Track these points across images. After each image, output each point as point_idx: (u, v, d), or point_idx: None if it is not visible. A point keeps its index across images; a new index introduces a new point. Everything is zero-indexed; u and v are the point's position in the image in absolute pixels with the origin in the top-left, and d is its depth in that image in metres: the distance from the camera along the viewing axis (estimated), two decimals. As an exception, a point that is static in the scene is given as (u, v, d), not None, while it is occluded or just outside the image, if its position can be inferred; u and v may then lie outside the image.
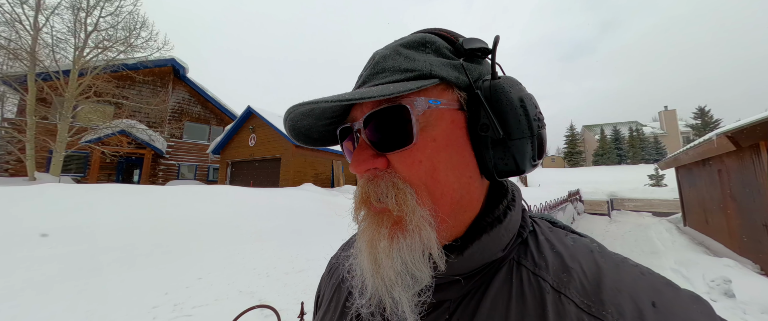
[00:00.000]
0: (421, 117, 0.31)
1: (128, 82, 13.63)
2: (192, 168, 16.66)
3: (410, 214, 0.29)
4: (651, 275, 0.28)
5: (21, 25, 9.36)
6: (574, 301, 0.27)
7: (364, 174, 0.33)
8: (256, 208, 5.61)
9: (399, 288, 0.29)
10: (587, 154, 47.97)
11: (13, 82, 9.70)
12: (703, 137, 4.90)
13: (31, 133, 9.19)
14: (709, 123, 39.28)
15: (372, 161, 0.32)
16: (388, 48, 0.35)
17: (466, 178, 0.32)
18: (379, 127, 0.31)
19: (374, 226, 0.31)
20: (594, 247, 0.32)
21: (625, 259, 0.30)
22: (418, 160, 0.31)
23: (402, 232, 0.30)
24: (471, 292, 0.31)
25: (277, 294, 2.77)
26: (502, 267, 0.31)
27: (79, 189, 5.17)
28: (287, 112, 0.32)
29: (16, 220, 3.55)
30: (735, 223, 4.66)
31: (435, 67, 0.32)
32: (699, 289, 3.31)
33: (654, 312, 0.25)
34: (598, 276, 0.28)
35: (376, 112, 0.31)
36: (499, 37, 0.33)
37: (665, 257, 4.85)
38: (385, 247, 0.30)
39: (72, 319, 2.17)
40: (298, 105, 0.30)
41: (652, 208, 12.95)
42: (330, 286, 0.45)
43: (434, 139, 0.31)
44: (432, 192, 0.30)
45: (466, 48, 0.33)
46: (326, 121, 0.37)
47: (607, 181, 21.98)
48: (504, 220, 0.32)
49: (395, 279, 0.29)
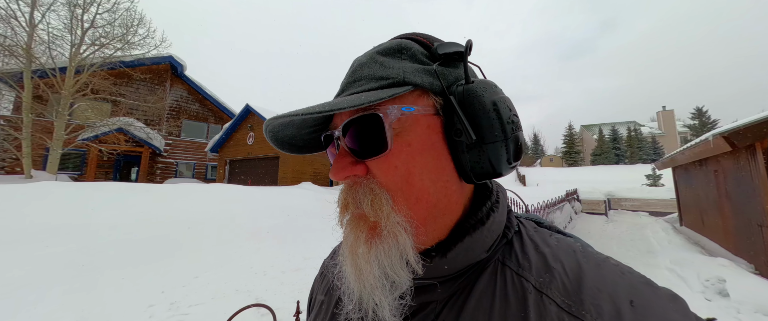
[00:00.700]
0: (395, 123, 0.31)
1: (125, 79, 13.55)
2: (190, 166, 16.60)
3: (385, 219, 0.30)
4: (631, 275, 0.29)
5: (16, 22, 9.27)
6: (556, 301, 0.27)
7: (345, 181, 0.33)
8: (255, 207, 5.60)
9: (379, 292, 0.30)
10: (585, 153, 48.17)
11: (8, 78, 9.60)
12: (699, 138, 4.93)
13: (27, 130, 9.13)
14: (707, 123, 39.53)
15: (351, 168, 0.32)
16: (366, 55, 0.36)
17: (443, 182, 0.32)
18: (357, 135, 0.32)
19: (354, 231, 0.32)
20: (577, 247, 0.32)
21: (606, 259, 0.31)
22: (393, 165, 0.31)
23: (378, 237, 0.30)
24: (456, 293, 0.32)
25: (274, 293, 2.77)
26: (487, 268, 0.32)
27: (76, 187, 5.14)
28: (266, 124, 0.32)
29: (13, 218, 3.53)
30: (730, 223, 4.70)
31: (408, 74, 0.32)
32: (694, 288, 3.33)
33: (631, 311, 0.25)
34: (579, 276, 0.28)
35: (351, 120, 0.32)
36: (472, 41, 0.33)
37: (661, 256, 4.88)
38: (364, 252, 0.30)
39: (68, 317, 2.17)
40: (275, 118, 0.30)
41: (648, 207, 13.02)
42: (322, 289, 0.46)
43: (409, 144, 0.31)
44: (407, 197, 0.31)
45: (440, 53, 0.33)
46: (309, 129, 0.37)
47: (605, 180, 22.08)
48: (487, 221, 0.32)
49: (374, 283, 0.30)
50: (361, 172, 0.32)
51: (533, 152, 66.33)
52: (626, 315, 0.25)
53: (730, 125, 3.85)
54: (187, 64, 15.99)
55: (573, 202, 9.95)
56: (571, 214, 8.78)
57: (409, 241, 0.30)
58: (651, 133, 45.18)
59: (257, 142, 13.02)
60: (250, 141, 13.26)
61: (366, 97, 0.29)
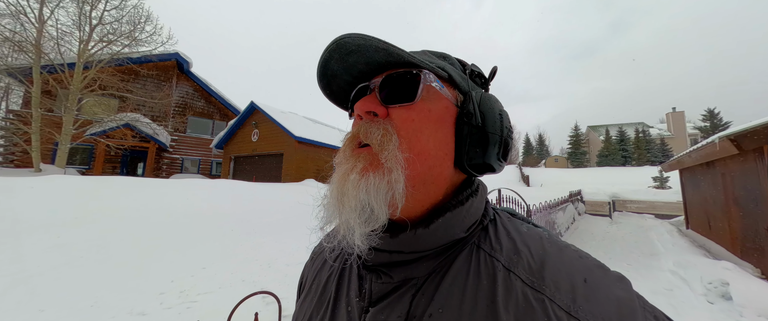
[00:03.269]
0: (427, 87, 0.36)
1: (133, 75, 13.70)
2: (195, 162, 16.78)
3: (388, 154, 0.33)
4: (587, 259, 0.34)
5: (26, 18, 9.42)
6: (521, 278, 0.31)
7: (362, 120, 0.37)
8: (259, 203, 5.67)
9: (355, 217, 0.32)
10: (591, 154, 47.68)
11: (18, 74, 9.77)
12: (706, 140, 4.87)
13: (36, 125, 9.30)
14: (719, 125, 38.64)
15: (376, 106, 0.37)
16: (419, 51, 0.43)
17: (442, 154, 0.36)
18: (392, 85, 0.37)
19: (351, 162, 0.35)
20: (544, 235, 0.37)
21: (568, 245, 0.36)
22: (411, 118, 0.36)
23: (374, 169, 0.33)
24: (436, 270, 0.35)
25: (279, 283, 2.83)
26: (464, 249, 0.36)
27: (87, 181, 5.25)
28: (335, 40, 0.34)
29: (27, 209, 3.62)
30: (737, 226, 4.65)
31: (447, 69, 0.39)
32: (696, 290, 3.31)
33: (584, 286, 0.30)
34: (542, 258, 0.33)
35: (396, 73, 0.37)
36: (497, 68, 0.45)
37: (664, 259, 4.84)
38: (354, 179, 0.33)
39: (82, 303, 2.24)
40: (350, 36, 0.33)
41: (654, 210, 12.88)
42: (312, 271, 0.48)
43: (429, 110, 0.36)
44: (411, 147, 0.34)
45: (472, 70, 0.43)
46: (350, 78, 0.40)
47: (610, 182, 21.88)
48: (466, 203, 0.36)
49: (353, 207, 0.32)
50: (382, 114, 0.37)
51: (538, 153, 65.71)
52: (579, 290, 0.30)
53: (737, 127, 3.80)
54: (193, 61, 16.13)
55: (576, 203, 9.89)
56: (575, 215, 8.72)
57: (402, 179, 0.32)
58: (660, 134, 44.54)
59: (262, 139, 13.11)
60: (255, 138, 13.35)
61: (420, 59, 0.35)
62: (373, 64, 0.37)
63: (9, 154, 11.42)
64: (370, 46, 0.34)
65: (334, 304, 0.39)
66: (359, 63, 0.37)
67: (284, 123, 12.03)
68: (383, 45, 0.33)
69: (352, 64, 0.37)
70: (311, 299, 0.43)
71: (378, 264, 0.36)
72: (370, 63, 0.37)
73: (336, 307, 0.39)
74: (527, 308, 0.29)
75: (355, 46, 0.34)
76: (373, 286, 0.36)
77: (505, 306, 0.30)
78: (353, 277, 0.40)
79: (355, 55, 0.36)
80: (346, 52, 0.35)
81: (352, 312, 0.37)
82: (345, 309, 0.38)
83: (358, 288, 0.38)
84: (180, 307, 2.31)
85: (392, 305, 0.34)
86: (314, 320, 0.40)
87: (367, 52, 0.35)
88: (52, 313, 2.10)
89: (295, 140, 11.52)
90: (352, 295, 0.38)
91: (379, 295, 0.35)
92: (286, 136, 11.81)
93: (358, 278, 0.39)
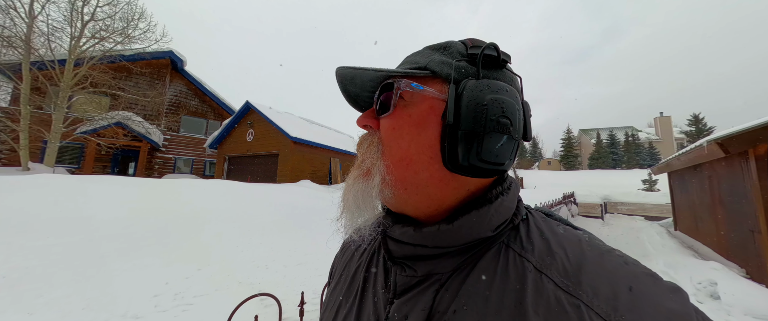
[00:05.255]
0: (404, 94, 0.37)
1: (125, 73, 13.47)
2: (188, 162, 16.53)
3: (371, 162, 0.38)
4: (635, 266, 0.30)
5: (16, 12, 9.18)
6: (554, 280, 0.29)
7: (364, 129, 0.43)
8: (254, 203, 5.62)
9: (352, 211, 0.38)
10: (583, 157, 48.46)
11: (6, 70, 9.52)
12: (694, 143, 5.01)
13: (24, 122, 9.06)
14: (703, 130, 39.81)
15: (369, 119, 0.41)
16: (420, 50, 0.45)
17: (426, 157, 0.34)
18: (380, 98, 0.39)
19: (353, 170, 0.41)
20: (583, 237, 0.33)
21: (611, 250, 0.32)
22: (392, 126, 0.37)
23: (363, 177, 0.38)
24: (461, 267, 0.34)
25: (276, 285, 2.81)
26: (492, 248, 0.34)
27: (75, 180, 5.14)
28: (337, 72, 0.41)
29: (15, 209, 3.53)
30: (723, 227, 4.78)
31: (431, 63, 0.36)
32: (686, 290, 3.39)
33: (629, 295, 0.26)
34: (580, 261, 0.30)
35: (382, 85, 0.40)
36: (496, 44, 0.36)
37: (655, 259, 4.95)
38: (350, 183, 0.40)
39: (74, 306, 2.19)
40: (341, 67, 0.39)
41: (644, 212, 13.15)
42: (342, 262, 0.51)
43: (410, 115, 0.36)
44: (393, 154, 0.37)
45: (467, 52, 0.36)
46: (368, 93, 0.44)
47: (602, 184, 22.25)
48: (494, 202, 0.34)
49: (350, 205, 0.38)
50: (374, 126, 0.40)
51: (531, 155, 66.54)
52: (623, 298, 0.26)
53: (724, 132, 3.92)
54: (187, 60, 15.93)
55: (570, 205, 10.05)
56: (568, 216, 8.86)
57: (378, 183, 0.36)
58: (648, 138, 45.56)
59: (257, 139, 12.99)
60: (250, 138, 13.23)
61: (388, 70, 0.37)
62: (368, 85, 0.41)
63: (-5, 152, 11.10)
64: (351, 74, 0.40)
65: (361, 294, 0.41)
66: (366, 84, 0.41)
67: (280, 123, 11.95)
68: (354, 72, 0.39)
69: (361, 86, 0.42)
70: (340, 288, 0.45)
71: (403, 256, 0.37)
72: (364, 85, 0.41)
73: (363, 297, 0.40)
74: (560, 313, 0.26)
75: (349, 76, 0.40)
76: (398, 279, 0.37)
77: (535, 309, 0.27)
78: (380, 269, 0.41)
79: (355, 81, 0.41)
80: (348, 80, 0.41)
81: (378, 302, 0.38)
82: (371, 299, 0.39)
83: (384, 280, 0.39)
84: (175, 309, 2.28)
85: (416, 298, 0.34)
86: (343, 308, 0.42)
87: (357, 78, 0.40)
88: (41, 315, 2.05)
89: (291, 141, 11.45)
90: (379, 286, 0.39)
91: (403, 288, 0.36)
92: (282, 136, 11.73)
93: (384, 271, 0.40)
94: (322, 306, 0.48)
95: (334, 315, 0.42)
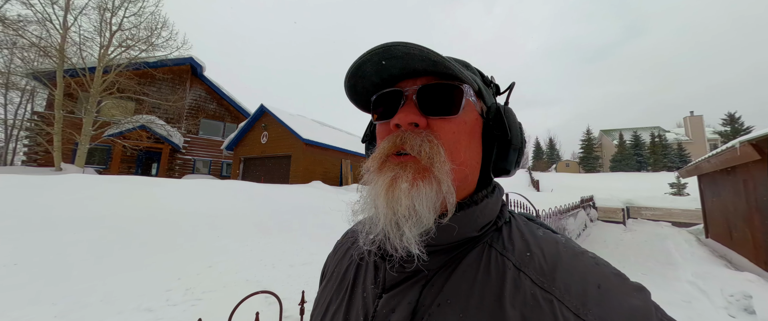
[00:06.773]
0: (466, 101, 0.38)
1: (149, 79, 14.20)
2: (207, 163, 17.17)
3: (438, 165, 0.34)
4: (605, 267, 0.33)
5: (51, 24, 9.91)
6: (530, 277, 0.32)
7: (401, 130, 0.38)
8: (266, 203, 5.74)
9: (409, 224, 0.33)
10: (604, 159, 46.39)
11: (43, 77, 10.27)
12: (725, 145, 4.66)
13: (58, 126, 9.71)
14: (740, 130, 36.92)
15: (417, 117, 0.37)
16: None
17: (474, 162, 0.39)
18: (432, 95, 0.37)
19: (396, 170, 0.35)
20: (560, 240, 0.37)
21: (585, 252, 0.35)
22: (452, 130, 0.37)
23: (423, 179, 0.34)
24: (447, 264, 0.36)
25: (282, 284, 2.85)
26: (476, 247, 0.37)
27: (103, 180, 5.43)
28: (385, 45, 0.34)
29: (46, 207, 3.77)
30: (761, 235, 4.42)
31: (476, 80, 0.40)
32: (716, 303, 3.15)
33: (598, 292, 0.29)
34: (556, 260, 0.33)
35: (437, 85, 0.37)
36: (515, 83, 0.48)
37: (682, 269, 4.63)
38: (405, 188, 0.34)
39: (93, 298, 2.31)
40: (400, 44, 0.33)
41: (671, 217, 12.38)
42: (334, 261, 0.52)
43: (465, 122, 0.38)
44: (455, 158, 0.36)
45: (493, 83, 0.46)
46: (378, 80, 0.40)
47: (624, 188, 21.21)
48: (480, 203, 0.37)
49: (406, 214, 0.33)
50: (423, 125, 0.37)
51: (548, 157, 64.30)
52: (591, 294, 0.29)
53: (760, 132, 3.63)
54: (206, 65, 16.59)
55: (588, 209, 9.61)
56: (586, 221, 8.47)
57: (452, 188, 0.34)
58: (677, 139, 42.97)
59: (271, 141, 13.31)
60: (264, 140, 13.57)
61: (460, 73, 0.35)
62: (408, 70, 0.37)
63: (33, 154, 11.96)
64: (416, 56, 0.34)
65: (351, 290, 0.42)
66: (394, 67, 0.36)
67: (293, 125, 12.20)
68: (436, 57, 0.33)
69: (386, 68, 0.37)
70: (331, 286, 0.47)
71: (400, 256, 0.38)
72: (405, 68, 0.36)
73: (353, 293, 0.42)
74: (535, 306, 0.29)
75: (401, 53, 0.34)
76: (387, 275, 0.38)
77: (512, 302, 0.30)
78: (370, 266, 0.42)
79: (396, 61, 0.35)
80: (389, 56, 0.35)
81: (367, 298, 0.39)
82: (361, 295, 0.40)
83: (374, 277, 0.40)
84: (185, 304, 2.35)
85: (403, 293, 0.36)
86: (333, 305, 0.43)
87: (411, 60, 0.35)
88: (64, 306, 2.17)
89: (303, 142, 11.66)
90: (368, 282, 0.41)
91: (391, 283, 0.37)
92: (295, 138, 11.96)
93: (374, 268, 0.41)
94: (314, 304, 0.49)
95: (325, 311, 0.44)
